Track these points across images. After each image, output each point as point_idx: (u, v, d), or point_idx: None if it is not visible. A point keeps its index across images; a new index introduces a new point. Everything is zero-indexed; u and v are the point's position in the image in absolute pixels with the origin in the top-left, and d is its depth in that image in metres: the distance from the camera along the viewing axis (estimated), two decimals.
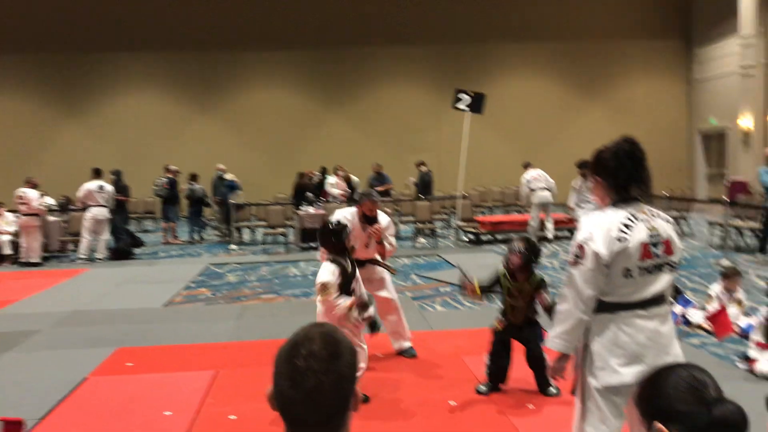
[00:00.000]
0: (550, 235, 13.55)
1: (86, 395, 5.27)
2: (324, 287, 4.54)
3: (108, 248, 13.31)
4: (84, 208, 12.76)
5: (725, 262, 10.20)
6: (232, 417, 4.71)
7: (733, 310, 6.55)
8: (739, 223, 12.17)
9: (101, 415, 4.83)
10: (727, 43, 21.12)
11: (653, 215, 2.95)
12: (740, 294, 6.77)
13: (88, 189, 12.71)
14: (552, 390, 4.94)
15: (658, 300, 2.93)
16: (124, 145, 21.95)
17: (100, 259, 12.74)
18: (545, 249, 12.03)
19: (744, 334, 6.24)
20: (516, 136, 23.05)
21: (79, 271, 11.49)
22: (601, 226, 2.88)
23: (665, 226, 2.95)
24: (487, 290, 5.03)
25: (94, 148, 21.67)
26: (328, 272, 4.58)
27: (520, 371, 5.23)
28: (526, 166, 14.37)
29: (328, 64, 22.62)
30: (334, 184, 15.25)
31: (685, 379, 1.60)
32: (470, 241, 14.25)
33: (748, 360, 5.44)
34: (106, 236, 12.97)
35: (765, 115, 19.16)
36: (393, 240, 5.83)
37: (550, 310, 4.64)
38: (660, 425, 1.59)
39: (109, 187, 13.05)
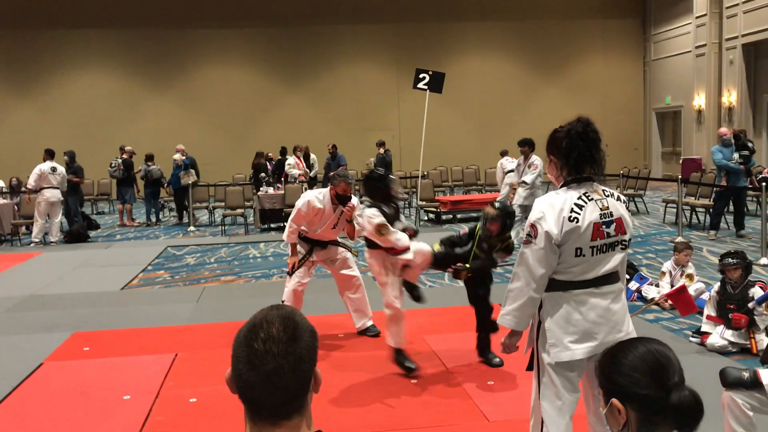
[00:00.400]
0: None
1: (42, 381, 5.17)
2: (382, 226, 4.78)
3: (62, 231, 13.02)
4: (36, 190, 12.44)
5: (679, 239, 10.46)
6: (192, 400, 4.67)
7: (682, 282, 6.73)
8: (692, 200, 12.46)
9: (58, 401, 4.74)
10: (682, 24, 21.49)
11: (606, 195, 2.98)
12: (691, 269, 6.94)
13: (41, 170, 12.39)
14: (495, 359, 5.13)
15: (610, 278, 2.97)
16: (77, 125, 21.42)
17: (54, 242, 12.46)
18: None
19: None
20: (475, 116, 23.17)
21: (32, 255, 11.22)
22: (554, 206, 2.91)
23: (617, 206, 2.98)
24: (474, 266, 5.13)
25: (45, 128, 21.11)
26: (375, 214, 4.86)
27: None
28: (503, 153, 14.41)
29: (287, 42, 22.36)
30: (292, 165, 15.07)
31: (646, 359, 1.61)
32: (431, 221, 14.32)
33: (700, 334, 5.59)
34: (58, 219, 12.68)
35: (718, 94, 19.58)
36: (360, 219, 5.84)
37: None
38: (617, 402, 1.61)
39: (61, 169, 12.75)
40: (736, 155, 10.93)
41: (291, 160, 15.34)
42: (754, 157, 12.05)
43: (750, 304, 5.15)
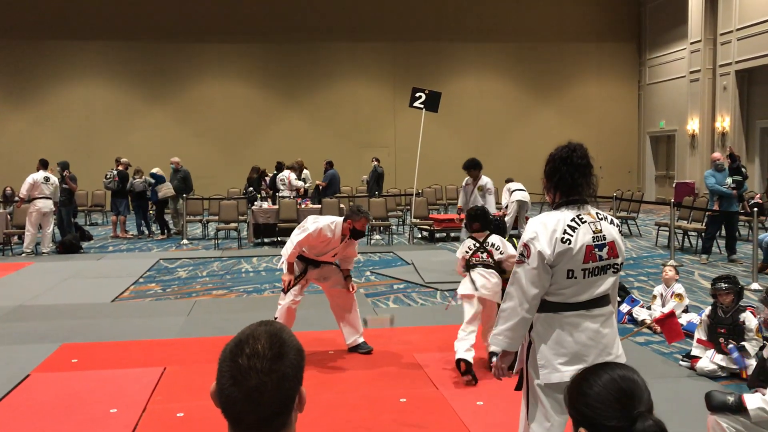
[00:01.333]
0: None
1: (29, 392, 5.12)
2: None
3: (55, 242, 12.97)
4: (29, 200, 12.39)
5: (671, 262, 10.49)
6: (180, 414, 4.64)
7: (672, 304, 6.77)
8: (684, 224, 12.51)
9: (44, 413, 4.70)
10: (677, 49, 21.69)
11: (599, 218, 2.99)
12: (680, 289, 6.95)
13: (34, 180, 12.35)
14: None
15: (601, 301, 2.97)
16: (72, 137, 21.43)
17: (45, 252, 12.40)
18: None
19: (687, 333, 6.43)
20: (470, 135, 23.27)
21: (24, 265, 11.17)
22: (547, 226, 2.91)
23: (610, 229, 2.99)
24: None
25: (41, 139, 21.11)
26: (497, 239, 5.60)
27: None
28: (508, 180, 14.39)
29: (285, 58, 22.47)
30: (283, 180, 14.98)
31: (610, 388, 1.58)
32: (424, 239, 14.32)
33: (690, 358, 5.59)
34: (50, 229, 12.63)
35: (711, 119, 19.73)
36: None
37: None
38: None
39: (54, 179, 12.72)
40: (729, 179, 10.98)
41: (282, 174, 15.18)
42: (746, 182, 12.11)
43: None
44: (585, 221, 2.93)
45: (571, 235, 2.88)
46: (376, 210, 14.44)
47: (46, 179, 12.47)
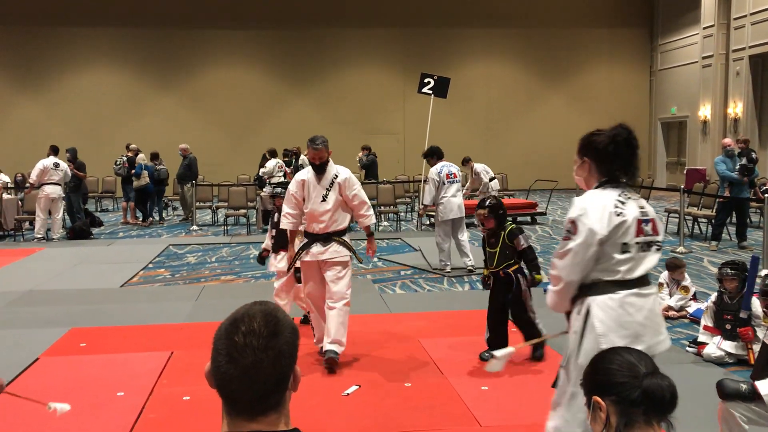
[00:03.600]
0: None
1: (37, 376, 5.18)
2: None
3: (65, 228, 13.05)
4: (38, 186, 12.46)
5: (680, 249, 10.44)
6: (186, 398, 4.68)
7: (677, 296, 6.79)
8: (694, 210, 12.43)
9: (52, 396, 4.73)
10: (689, 34, 21.47)
11: (637, 197, 3.02)
12: (687, 281, 6.92)
13: (43, 165, 12.41)
14: (537, 353, 5.32)
15: (649, 278, 2.98)
16: (83, 123, 21.51)
17: (56, 238, 12.49)
18: None
19: (694, 319, 6.40)
20: (479, 121, 23.19)
21: (34, 251, 11.25)
22: (595, 202, 2.90)
23: (649, 207, 3.02)
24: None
25: (51, 125, 21.20)
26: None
27: (473, 354, 5.30)
28: (468, 160, 14.15)
29: (293, 44, 22.41)
30: (270, 169, 14.90)
31: (625, 357, 1.71)
32: (432, 225, 14.29)
33: (697, 344, 5.57)
34: (60, 215, 12.71)
35: (723, 105, 19.54)
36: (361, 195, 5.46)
37: (524, 252, 5.27)
38: (597, 398, 1.66)
39: (64, 165, 12.77)
40: (744, 160, 10.92)
41: (269, 162, 15.02)
42: (758, 168, 12.02)
43: (742, 314, 5.14)
44: (630, 197, 2.95)
45: (623, 209, 2.87)
46: (384, 197, 14.44)
47: (56, 165, 12.53)
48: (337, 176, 5.33)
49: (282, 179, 14.78)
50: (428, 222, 14.45)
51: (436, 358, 5.45)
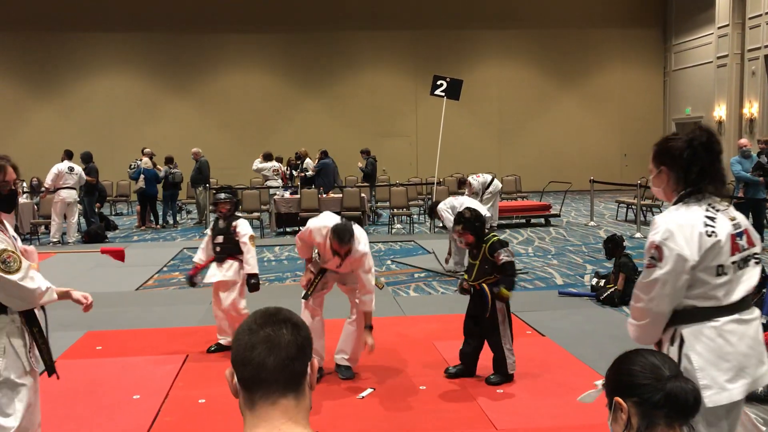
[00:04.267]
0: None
1: (54, 378, 5.21)
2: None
3: (80, 231, 13.14)
4: (54, 190, 12.57)
5: None
6: (201, 401, 4.69)
7: None
8: None
9: (68, 399, 4.78)
10: (703, 34, 21.33)
11: (726, 207, 2.67)
12: None
13: (58, 170, 12.50)
14: (492, 378, 4.93)
15: (749, 302, 2.61)
16: (97, 127, 21.67)
17: (71, 242, 12.58)
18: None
19: None
20: (492, 123, 23.15)
21: (50, 255, 11.34)
22: (682, 223, 2.53)
23: (741, 216, 2.67)
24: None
25: (66, 129, 21.37)
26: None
27: (489, 357, 5.28)
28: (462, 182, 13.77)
29: (306, 48, 22.48)
30: (266, 169, 15.25)
31: (649, 359, 1.71)
32: (445, 227, 14.26)
33: None
34: (75, 219, 12.79)
35: (739, 105, 19.39)
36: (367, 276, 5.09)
37: (503, 267, 4.88)
38: (620, 400, 1.66)
39: (79, 169, 12.86)
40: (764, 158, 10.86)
41: (262, 163, 15.36)
42: None
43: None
44: (719, 209, 2.59)
45: (714, 227, 2.52)
46: (396, 199, 14.45)
47: (71, 169, 12.62)
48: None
49: (278, 183, 14.97)
50: (441, 224, 14.42)
51: (450, 361, 5.43)
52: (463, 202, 9.22)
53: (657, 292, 2.54)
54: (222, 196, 5.88)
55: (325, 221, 5.05)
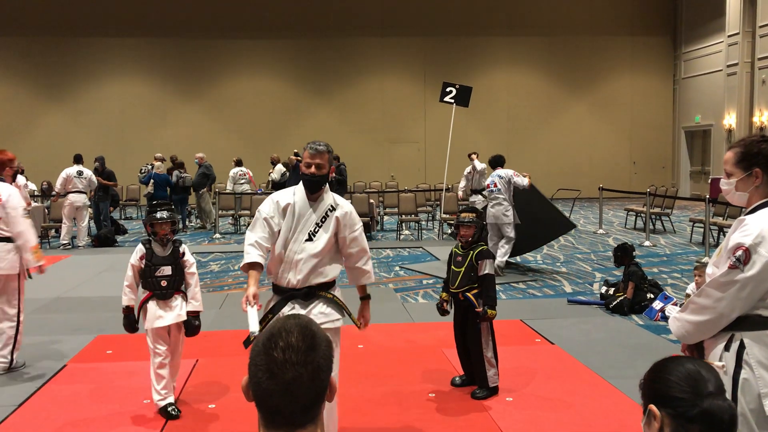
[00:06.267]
0: None
1: (65, 382, 5.25)
2: None
3: (90, 235, 13.21)
4: (64, 194, 12.64)
5: (705, 260, 10.31)
6: (211, 406, 4.71)
7: None
8: (720, 220, 12.29)
9: (80, 403, 4.81)
10: (713, 42, 21.29)
11: None
12: None
13: (67, 174, 12.58)
14: (477, 393, 4.82)
15: None
16: (108, 132, 21.80)
17: (81, 246, 12.64)
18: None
19: None
20: (501, 130, 23.15)
21: (60, 258, 11.40)
22: None
23: None
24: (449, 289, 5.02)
25: (77, 133, 21.51)
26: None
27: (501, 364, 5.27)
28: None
29: (315, 54, 22.56)
30: (243, 174, 16.15)
31: (689, 369, 1.65)
32: (453, 234, 14.27)
33: None
34: (85, 222, 12.86)
35: (749, 114, 19.33)
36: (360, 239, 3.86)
37: (483, 278, 4.79)
38: (654, 407, 1.64)
39: (88, 172, 12.92)
40: None
41: (233, 169, 16.16)
42: None
43: None
44: None
45: None
46: (405, 205, 14.46)
47: (80, 173, 12.69)
48: (334, 208, 3.71)
49: (247, 187, 15.41)
50: (449, 231, 14.44)
51: (459, 368, 5.43)
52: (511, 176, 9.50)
53: (732, 294, 2.48)
54: (163, 215, 4.60)
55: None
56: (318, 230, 3.65)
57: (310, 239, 3.64)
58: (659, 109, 23.81)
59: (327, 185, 3.73)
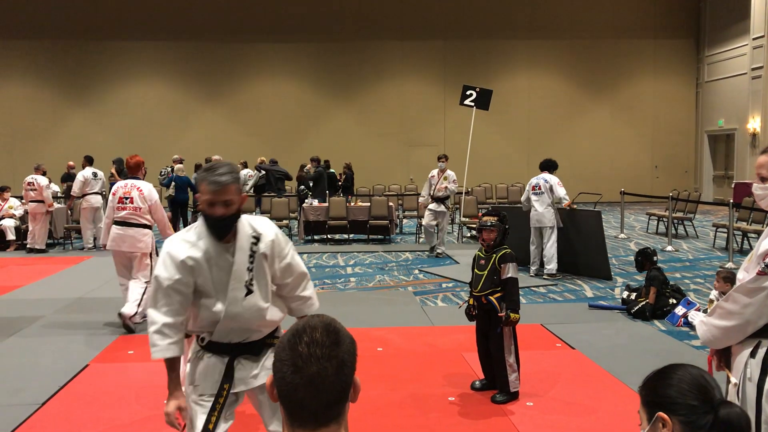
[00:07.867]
0: None
1: (87, 382, 5.29)
2: None
3: None
4: (82, 197, 12.73)
5: (729, 265, 10.19)
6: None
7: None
8: (743, 225, 12.14)
9: (101, 402, 4.84)
10: (738, 45, 21.05)
11: None
12: None
13: (84, 177, 12.65)
14: (497, 397, 4.80)
15: None
16: (130, 134, 22.01)
17: (103, 246, 12.72)
18: None
19: None
20: (522, 133, 23.04)
21: (83, 259, 11.52)
22: None
23: None
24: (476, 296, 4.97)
25: (99, 136, 21.74)
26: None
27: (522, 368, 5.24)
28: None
29: (335, 57, 22.62)
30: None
31: (694, 376, 1.64)
32: (473, 237, 14.23)
33: None
34: (103, 224, 12.93)
35: None
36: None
37: (505, 282, 4.78)
38: (664, 415, 1.62)
39: (101, 174, 13.00)
40: None
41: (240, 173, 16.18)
42: None
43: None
44: None
45: None
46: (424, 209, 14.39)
47: (94, 175, 12.78)
48: (257, 240, 2.90)
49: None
50: (469, 234, 14.39)
51: (479, 372, 5.40)
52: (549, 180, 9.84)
53: (760, 300, 2.44)
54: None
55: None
56: (251, 278, 2.83)
57: (249, 292, 2.82)
58: (682, 113, 23.57)
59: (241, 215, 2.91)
